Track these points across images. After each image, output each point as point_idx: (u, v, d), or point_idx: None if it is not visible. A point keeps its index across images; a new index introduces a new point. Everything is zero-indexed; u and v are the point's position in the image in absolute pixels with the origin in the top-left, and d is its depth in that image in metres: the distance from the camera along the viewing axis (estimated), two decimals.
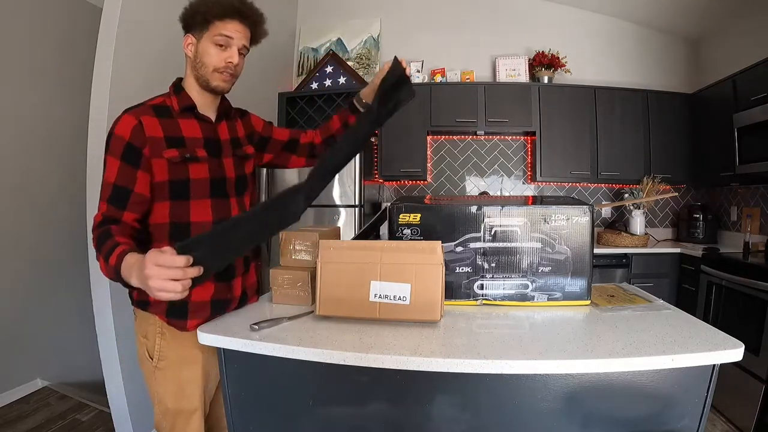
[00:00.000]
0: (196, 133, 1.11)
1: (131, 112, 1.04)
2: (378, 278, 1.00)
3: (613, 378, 0.85)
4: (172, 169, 1.06)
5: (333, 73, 3.50)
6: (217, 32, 1.07)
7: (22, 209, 2.58)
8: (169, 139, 1.06)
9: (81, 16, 2.78)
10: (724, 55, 3.04)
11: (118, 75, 1.86)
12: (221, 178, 1.14)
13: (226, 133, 1.19)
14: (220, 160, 1.15)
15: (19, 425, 2.22)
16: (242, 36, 1.11)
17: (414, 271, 0.99)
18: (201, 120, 1.13)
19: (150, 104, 1.09)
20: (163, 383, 1.11)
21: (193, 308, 1.09)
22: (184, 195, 1.08)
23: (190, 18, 1.09)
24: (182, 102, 1.11)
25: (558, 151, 3.13)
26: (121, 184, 1.01)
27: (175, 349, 1.10)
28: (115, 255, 0.89)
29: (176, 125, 1.09)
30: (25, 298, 2.59)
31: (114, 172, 1.00)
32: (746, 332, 2.05)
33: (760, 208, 2.78)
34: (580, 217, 1.11)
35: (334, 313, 1.03)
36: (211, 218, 1.11)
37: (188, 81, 1.14)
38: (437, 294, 0.99)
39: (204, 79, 1.10)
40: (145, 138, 1.03)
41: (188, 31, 1.10)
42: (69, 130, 2.73)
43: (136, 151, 1.02)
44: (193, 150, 1.09)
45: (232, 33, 1.08)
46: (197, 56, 1.09)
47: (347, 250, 1.03)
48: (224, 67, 1.10)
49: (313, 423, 0.96)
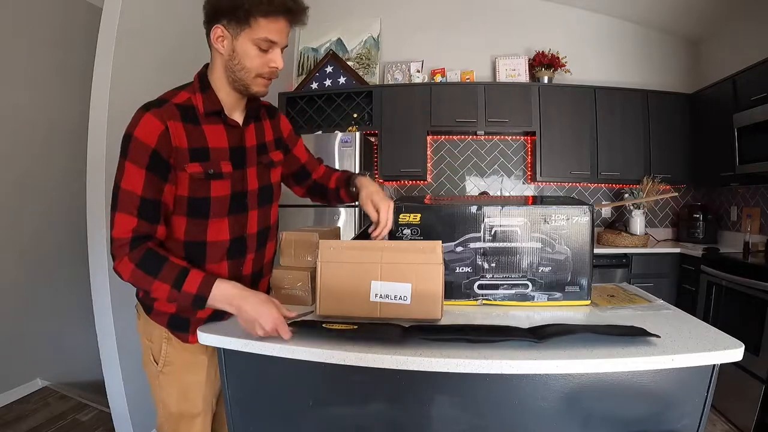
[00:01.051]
0: (221, 143, 1.00)
1: (154, 113, 0.92)
2: (378, 278, 0.99)
3: (613, 378, 0.85)
4: (194, 185, 0.96)
5: (333, 73, 3.50)
6: (261, 35, 0.92)
7: (22, 209, 2.58)
8: (194, 151, 0.95)
9: (81, 16, 2.78)
10: (724, 55, 3.04)
11: (118, 75, 1.86)
12: (242, 192, 1.05)
13: (253, 138, 1.08)
14: (244, 171, 1.05)
15: (19, 425, 2.22)
16: (286, 36, 0.97)
17: (414, 270, 0.99)
18: (228, 125, 1.02)
19: (175, 103, 0.95)
20: (167, 388, 1.10)
21: (195, 322, 1.06)
22: (203, 214, 0.99)
23: (227, 8, 0.91)
24: (209, 105, 0.98)
25: (558, 151, 3.13)
26: (150, 196, 0.91)
27: (180, 354, 1.08)
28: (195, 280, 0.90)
29: (201, 133, 0.97)
30: (25, 298, 2.59)
31: (140, 182, 0.90)
32: (746, 332, 2.05)
33: (760, 208, 2.78)
34: (580, 217, 1.11)
35: (334, 312, 1.03)
36: (228, 237, 1.04)
37: (217, 77, 1.00)
38: (438, 293, 0.99)
39: (243, 83, 0.98)
40: (172, 148, 0.92)
41: (218, 22, 0.93)
42: (69, 130, 2.73)
43: (164, 162, 0.92)
44: (217, 164, 0.98)
45: (277, 36, 0.94)
46: (235, 57, 0.95)
47: (347, 249, 1.03)
48: (269, 73, 0.98)
49: (314, 423, 0.96)
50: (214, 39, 0.96)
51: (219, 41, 0.95)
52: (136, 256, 0.90)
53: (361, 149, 2.86)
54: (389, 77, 3.50)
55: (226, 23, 0.93)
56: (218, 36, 0.95)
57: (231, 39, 0.94)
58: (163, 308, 1.06)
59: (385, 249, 1.01)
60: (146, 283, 0.91)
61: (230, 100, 1.02)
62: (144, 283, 0.91)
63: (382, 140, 3.23)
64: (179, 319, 1.06)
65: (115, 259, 0.92)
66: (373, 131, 3.25)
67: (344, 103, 3.35)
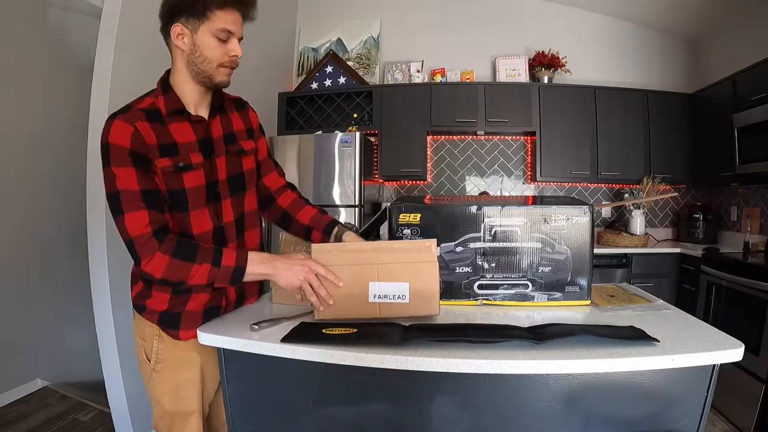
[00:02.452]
0: (188, 137, 1.04)
1: (122, 118, 0.95)
2: (376, 279, 1.00)
3: (613, 378, 0.85)
4: (167, 179, 0.99)
5: (333, 73, 3.50)
6: (219, 26, 0.98)
7: (22, 210, 2.58)
8: (162, 147, 0.99)
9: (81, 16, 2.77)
10: (724, 55, 3.04)
11: (118, 75, 1.86)
12: (213, 182, 1.07)
13: (219, 128, 1.11)
14: (213, 162, 1.07)
15: (19, 425, 2.22)
16: (240, 25, 1.03)
17: (410, 269, 0.99)
18: (192, 121, 1.05)
19: (139, 108, 0.99)
20: (160, 385, 1.10)
21: (185, 318, 1.07)
22: (182, 207, 1.02)
23: (184, 6, 0.97)
24: (170, 104, 1.02)
25: (558, 151, 3.13)
26: (148, 187, 0.94)
27: (172, 351, 1.09)
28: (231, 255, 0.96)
29: (167, 131, 1.00)
30: (25, 298, 2.59)
31: (133, 179, 0.93)
32: (746, 332, 2.05)
33: (760, 208, 2.78)
34: (580, 217, 1.11)
35: (335, 316, 1.02)
36: (211, 226, 1.07)
37: (179, 76, 1.04)
38: (435, 289, 1.00)
39: (206, 74, 1.02)
40: (146, 145, 0.96)
41: (176, 21, 0.99)
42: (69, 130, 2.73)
43: (142, 157, 0.95)
44: (186, 157, 1.01)
45: (233, 26, 1.00)
46: (196, 50, 1.00)
47: (342, 253, 1.02)
48: (229, 61, 1.03)
49: (313, 423, 0.96)
50: (175, 37, 1.00)
51: (179, 38, 1.00)
52: (168, 247, 0.93)
53: (361, 149, 2.86)
54: (389, 77, 3.50)
55: (185, 20, 0.99)
56: (178, 33, 1.00)
57: (191, 34, 0.99)
58: (155, 306, 1.07)
59: (381, 250, 1.01)
60: (185, 271, 0.94)
61: (195, 96, 1.06)
62: (182, 272, 0.94)
63: (382, 140, 3.23)
64: (170, 315, 1.07)
65: (143, 258, 0.92)
66: (373, 131, 3.25)
67: (344, 103, 3.35)
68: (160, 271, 0.93)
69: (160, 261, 0.92)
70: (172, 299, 1.06)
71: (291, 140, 2.96)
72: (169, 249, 0.92)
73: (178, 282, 0.96)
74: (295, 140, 2.95)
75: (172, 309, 1.07)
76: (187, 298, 1.07)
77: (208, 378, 1.14)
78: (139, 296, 1.08)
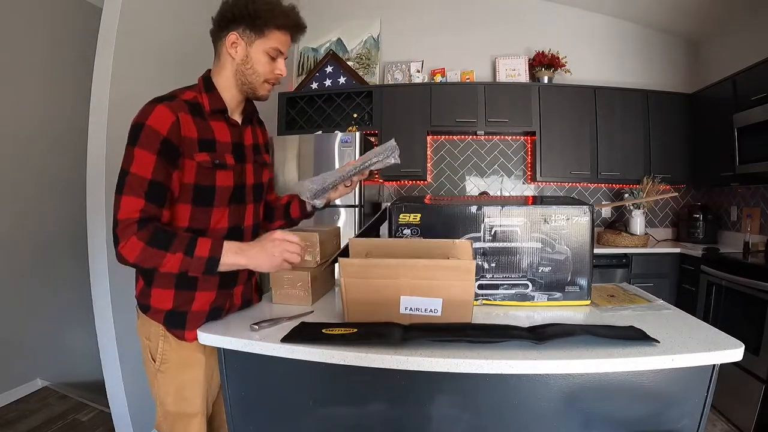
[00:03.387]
0: (225, 137, 1.07)
1: (166, 104, 0.97)
2: (408, 293, 0.97)
3: (613, 378, 0.85)
4: (201, 173, 1.02)
5: (333, 73, 3.50)
6: (273, 44, 1.04)
7: (22, 209, 2.58)
8: (202, 141, 1.02)
9: (81, 16, 2.78)
10: (724, 55, 3.04)
11: (118, 75, 1.86)
12: (242, 185, 1.12)
13: (250, 138, 1.17)
14: (243, 166, 1.12)
15: (19, 425, 2.22)
16: (289, 47, 1.11)
17: (446, 287, 0.95)
18: (230, 124, 1.10)
19: (183, 99, 1.02)
20: (164, 386, 1.10)
21: (191, 318, 1.07)
22: (208, 202, 1.05)
23: (245, 18, 1.02)
24: (214, 103, 1.05)
25: (558, 151, 3.13)
26: (159, 179, 0.95)
27: (177, 351, 1.09)
28: (206, 245, 0.95)
29: (208, 127, 1.04)
30: (25, 298, 2.59)
31: (149, 166, 0.94)
32: (746, 332, 2.05)
33: (760, 208, 2.78)
34: (580, 217, 1.11)
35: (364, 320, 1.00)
36: (227, 225, 1.10)
37: (223, 80, 1.08)
38: (469, 301, 0.97)
39: (251, 86, 1.08)
40: (182, 137, 0.98)
41: (233, 29, 1.03)
42: (69, 129, 2.73)
43: (174, 148, 0.97)
44: (222, 156, 1.05)
45: (284, 47, 1.07)
46: (248, 62, 1.05)
47: (373, 268, 0.98)
48: (275, 79, 1.09)
49: (314, 423, 0.96)
50: (229, 45, 1.04)
51: (233, 47, 1.04)
52: (144, 234, 0.92)
53: (361, 149, 2.85)
54: (389, 77, 3.50)
55: (242, 31, 1.03)
56: (233, 42, 1.04)
57: (245, 45, 1.04)
58: (160, 305, 1.07)
59: (414, 267, 0.96)
60: (157, 258, 0.93)
61: (233, 102, 1.10)
62: (154, 259, 0.93)
63: (382, 140, 3.23)
64: (176, 315, 1.07)
65: (120, 241, 0.92)
66: (373, 131, 3.25)
67: (344, 103, 3.34)
68: (132, 256, 0.92)
69: (133, 246, 0.92)
70: (177, 297, 1.06)
71: (291, 140, 2.96)
72: (144, 237, 0.92)
73: (150, 269, 0.96)
74: (295, 140, 2.95)
75: (178, 308, 1.07)
76: (192, 296, 1.07)
77: (211, 379, 1.14)
78: (143, 294, 1.08)
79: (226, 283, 1.11)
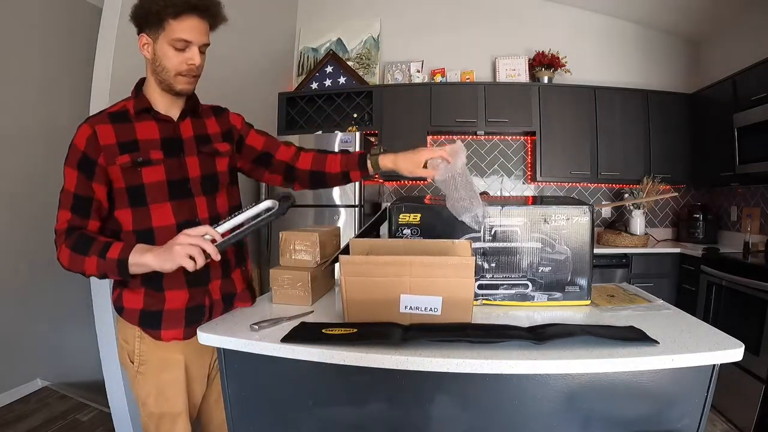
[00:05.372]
0: (152, 135, 1.07)
1: (89, 122, 1.04)
2: (408, 292, 0.96)
3: (613, 378, 0.85)
4: (126, 175, 1.03)
5: (333, 73, 3.50)
6: (175, 35, 1.00)
7: (22, 209, 2.58)
8: (123, 144, 1.03)
9: (81, 16, 2.77)
10: (724, 55, 3.04)
11: (118, 75, 1.86)
12: (182, 179, 1.09)
13: (190, 130, 1.13)
14: (181, 160, 1.10)
15: (19, 425, 2.22)
16: (201, 33, 1.04)
17: (445, 284, 0.95)
18: (159, 120, 1.09)
19: (108, 112, 1.07)
20: (145, 387, 1.11)
21: (167, 317, 1.07)
22: (141, 201, 1.05)
23: (142, 18, 1.03)
24: (138, 105, 1.08)
25: (558, 151, 3.14)
26: (81, 193, 1.02)
27: (154, 352, 1.09)
28: (117, 248, 0.97)
29: (131, 129, 1.06)
30: (25, 298, 2.59)
31: (73, 182, 1.02)
32: (746, 332, 2.05)
33: (760, 208, 2.78)
34: (580, 217, 1.11)
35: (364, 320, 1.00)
36: (174, 221, 1.08)
37: (149, 82, 1.10)
38: (469, 300, 0.97)
39: (167, 83, 1.06)
40: (99, 147, 1.02)
41: (142, 31, 1.04)
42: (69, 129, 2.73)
43: (90, 161, 1.02)
44: (146, 153, 1.05)
45: (190, 35, 1.01)
46: (156, 59, 1.04)
47: (373, 266, 0.97)
48: (187, 70, 1.05)
49: (314, 423, 0.96)
50: (141, 47, 1.06)
51: (145, 48, 1.06)
52: (70, 242, 1.00)
53: (361, 149, 2.86)
54: (389, 77, 3.50)
55: (148, 31, 1.04)
56: (144, 43, 1.06)
57: (152, 44, 1.04)
58: (132, 305, 1.08)
59: (414, 264, 0.96)
60: (80, 263, 0.99)
61: (165, 100, 1.11)
62: (79, 263, 0.99)
63: (382, 140, 3.23)
64: (149, 315, 1.07)
65: (57, 249, 1.02)
66: (373, 131, 3.25)
67: (344, 103, 3.35)
68: (65, 261, 1.00)
69: (64, 253, 1.00)
70: (146, 297, 1.07)
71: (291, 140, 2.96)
72: (70, 243, 1.00)
73: (80, 273, 1.01)
74: (295, 140, 2.95)
75: (150, 308, 1.07)
76: (162, 297, 1.07)
77: (193, 380, 1.14)
78: (117, 297, 1.10)
79: (197, 280, 1.09)
